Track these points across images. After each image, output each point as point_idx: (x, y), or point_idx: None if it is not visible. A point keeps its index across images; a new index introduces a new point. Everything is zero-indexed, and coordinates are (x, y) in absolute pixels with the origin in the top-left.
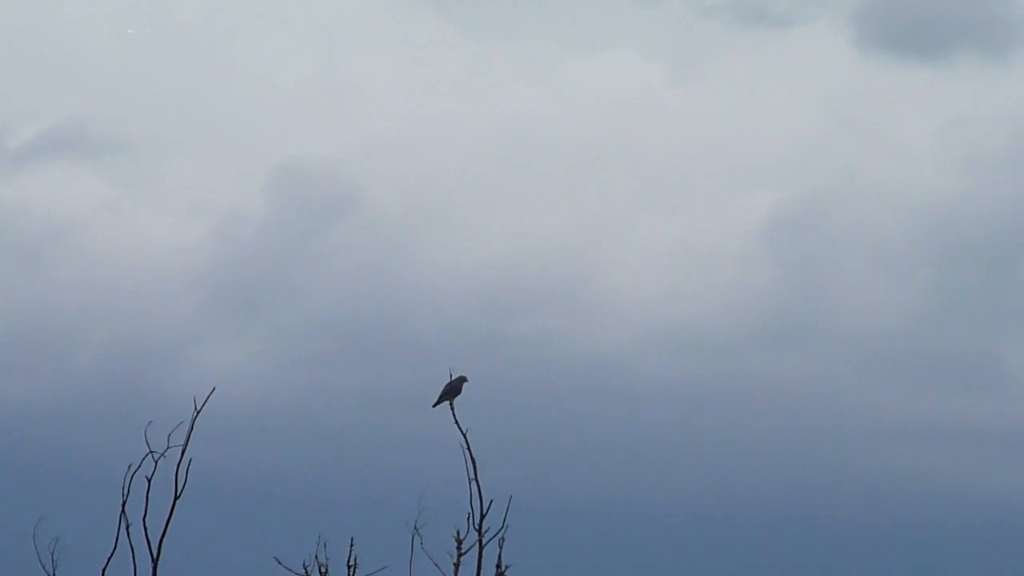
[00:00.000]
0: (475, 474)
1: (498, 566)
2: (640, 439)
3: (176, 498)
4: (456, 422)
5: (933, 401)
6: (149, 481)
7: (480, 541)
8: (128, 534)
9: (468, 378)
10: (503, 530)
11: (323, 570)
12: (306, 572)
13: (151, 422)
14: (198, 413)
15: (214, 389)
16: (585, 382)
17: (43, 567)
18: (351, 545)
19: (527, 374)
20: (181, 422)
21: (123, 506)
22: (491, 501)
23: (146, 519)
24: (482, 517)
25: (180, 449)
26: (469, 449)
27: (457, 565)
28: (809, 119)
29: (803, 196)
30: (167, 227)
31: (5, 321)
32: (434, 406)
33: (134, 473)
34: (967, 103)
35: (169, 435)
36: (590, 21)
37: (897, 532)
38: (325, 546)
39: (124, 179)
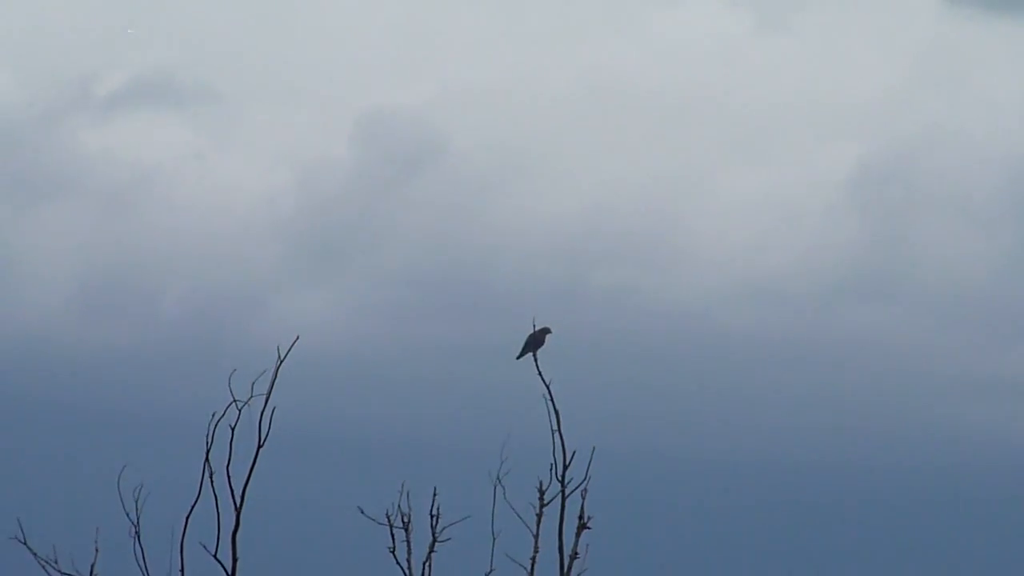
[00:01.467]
0: (558, 425)
1: (580, 517)
2: (723, 391)
3: (259, 447)
4: (539, 373)
5: (1017, 354)
6: (233, 430)
7: (563, 492)
8: (212, 482)
9: (551, 329)
10: (586, 482)
11: (406, 519)
12: (389, 521)
13: (235, 370)
14: (282, 362)
15: (298, 338)
16: (668, 334)
17: (127, 514)
18: (434, 495)
19: (610, 325)
20: (265, 370)
21: (207, 454)
22: (574, 452)
23: (229, 467)
24: (565, 468)
25: (264, 398)
26: (552, 400)
27: (540, 516)
28: (895, 70)
29: (889, 148)
30: (252, 176)
31: (92, 268)
32: (518, 358)
33: (218, 421)
34: None
35: (253, 383)
36: None
37: (978, 484)
38: (408, 495)
39: (210, 128)
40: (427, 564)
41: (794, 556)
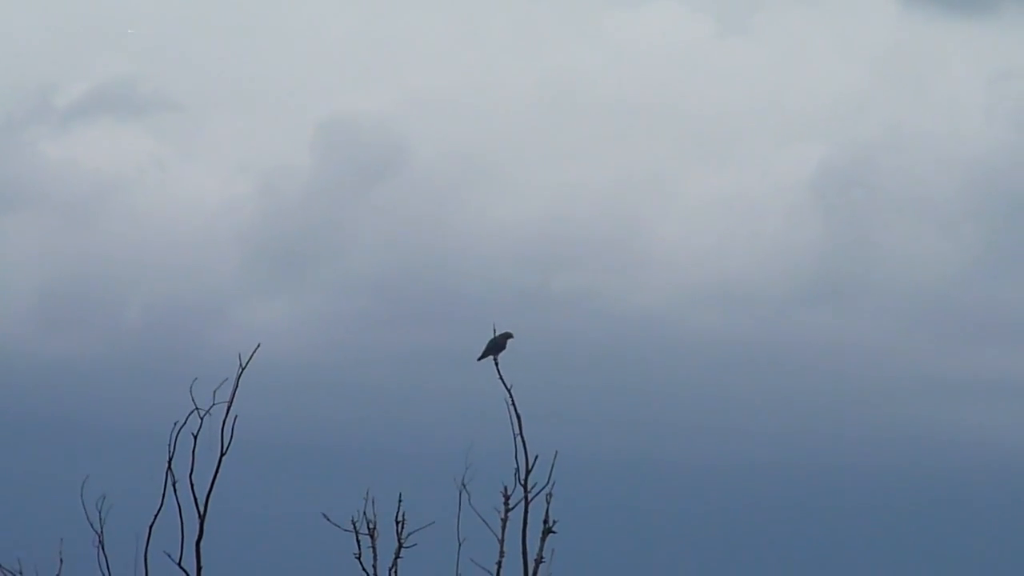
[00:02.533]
0: (520, 430)
1: (545, 521)
2: (685, 394)
3: (222, 454)
4: (501, 378)
5: (979, 356)
6: (195, 438)
7: (526, 497)
8: (175, 491)
9: (513, 334)
10: (549, 486)
11: (371, 526)
12: (354, 528)
13: (196, 379)
14: (243, 369)
15: (259, 345)
16: (630, 337)
17: (90, 524)
18: (399, 500)
19: (572, 329)
20: (226, 379)
21: (169, 463)
22: (536, 457)
23: (192, 476)
24: (527, 473)
25: (226, 405)
26: (514, 404)
27: (504, 520)
28: (856, 72)
29: (850, 150)
30: (213, 184)
31: (53, 279)
32: (479, 360)
33: (180, 430)
34: (1016, 56)
35: (215, 391)
36: None
37: (942, 486)
38: (373, 502)
39: (170, 137)
40: (393, 570)
41: (758, 559)
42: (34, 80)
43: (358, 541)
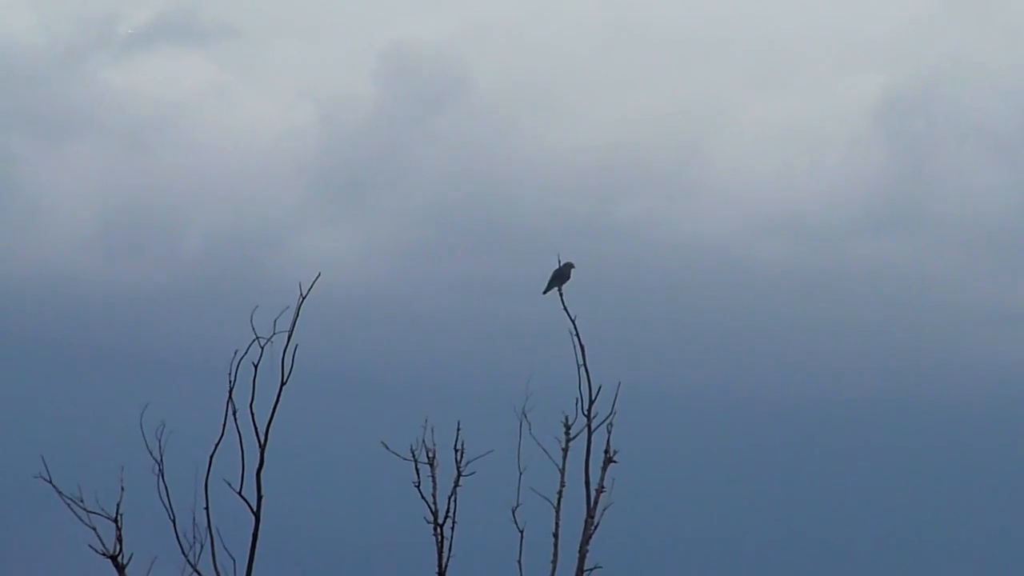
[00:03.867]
0: (583, 360)
1: (606, 451)
2: (747, 324)
3: (283, 384)
4: (564, 308)
5: None
6: (256, 367)
7: (589, 427)
8: (235, 420)
9: (574, 264)
10: (612, 416)
11: (430, 454)
12: (413, 456)
13: (257, 307)
14: (304, 299)
15: (319, 275)
16: (690, 266)
17: (150, 453)
18: (458, 429)
19: (633, 258)
20: (287, 307)
21: (230, 392)
22: (599, 387)
23: (253, 405)
24: (591, 403)
25: (286, 335)
26: (578, 335)
27: (565, 451)
28: (917, 4)
29: (912, 79)
30: (275, 112)
31: (114, 206)
32: (544, 293)
33: (241, 359)
34: None
35: (275, 321)
36: None
37: (1002, 413)
38: (432, 431)
39: (232, 64)
40: (452, 499)
41: (818, 490)
42: (96, 9)
43: (417, 470)
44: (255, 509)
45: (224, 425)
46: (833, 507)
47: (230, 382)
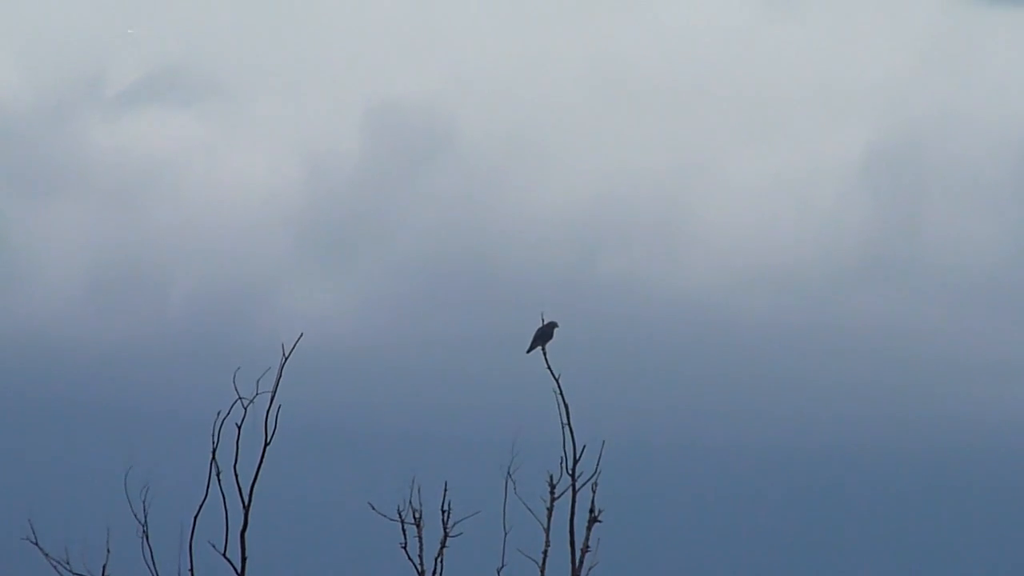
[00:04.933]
0: (568, 419)
1: (591, 510)
2: (734, 377)
3: (266, 444)
4: (548, 367)
5: None
6: (239, 428)
7: (573, 486)
8: (219, 480)
9: (558, 323)
10: (596, 475)
11: (417, 515)
12: (400, 517)
13: (239, 368)
14: (286, 359)
15: (302, 335)
16: (677, 321)
17: (134, 513)
18: (444, 489)
19: (620, 312)
20: (270, 367)
21: (214, 453)
22: (584, 446)
23: (237, 466)
24: (575, 462)
25: (269, 395)
26: (562, 394)
27: (550, 510)
28: (904, 55)
29: (898, 131)
30: (261, 169)
31: (100, 263)
32: (527, 352)
33: (224, 419)
34: None
35: (258, 381)
36: None
37: (988, 462)
38: (419, 490)
39: (220, 121)
40: (439, 559)
41: (807, 542)
42: (84, 67)
43: (404, 530)
44: (239, 570)
45: (208, 486)
46: (822, 557)
47: (213, 443)
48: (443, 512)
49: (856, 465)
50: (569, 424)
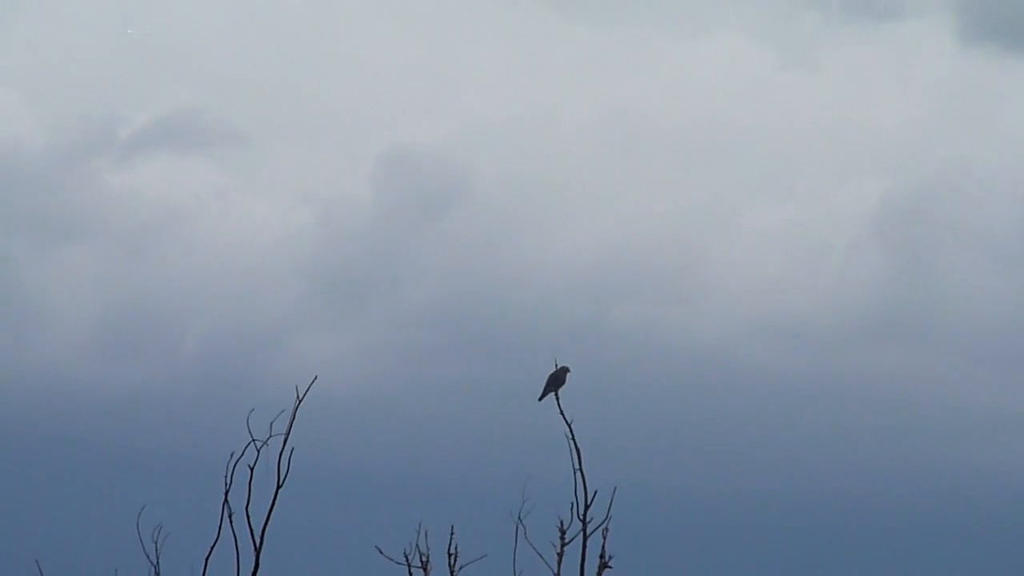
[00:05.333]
0: (580, 464)
1: (601, 556)
2: (744, 429)
3: (278, 487)
4: (561, 412)
5: None
6: (252, 470)
7: (584, 532)
8: (231, 523)
9: (570, 368)
10: (607, 521)
11: (424, 559)
12: (407, 561)
13: (253, 410)
14: (300, 402)
15: (316, 378)
16: (688, 370)
17: (146, 555)
18: (451, 533)
19: (631, 362)
20: (283, 410)
21: (226, 495)
22: (595, 492)
23: (249, 508)
24: (586, 508)
25: (282, 438)
26: (574, 439)
27: (560, 556)
28: (918, 107)
29: (912, 186)
30: (274, 215)
31: (113, 308)
32: (540, 399)
33: (237, 461)
34: None
35: (271, 423)
36: (697, 5)
37: (1000, 516)
38: (426, 535)
39: (232, 167)
40: None
41: None
42: (98, 111)
43: (411, 574)
44: None
45: (220, 528)
46: None
47: (226, 484)
48: (450, 556)
49: (866, 517)
50: (581, 469)
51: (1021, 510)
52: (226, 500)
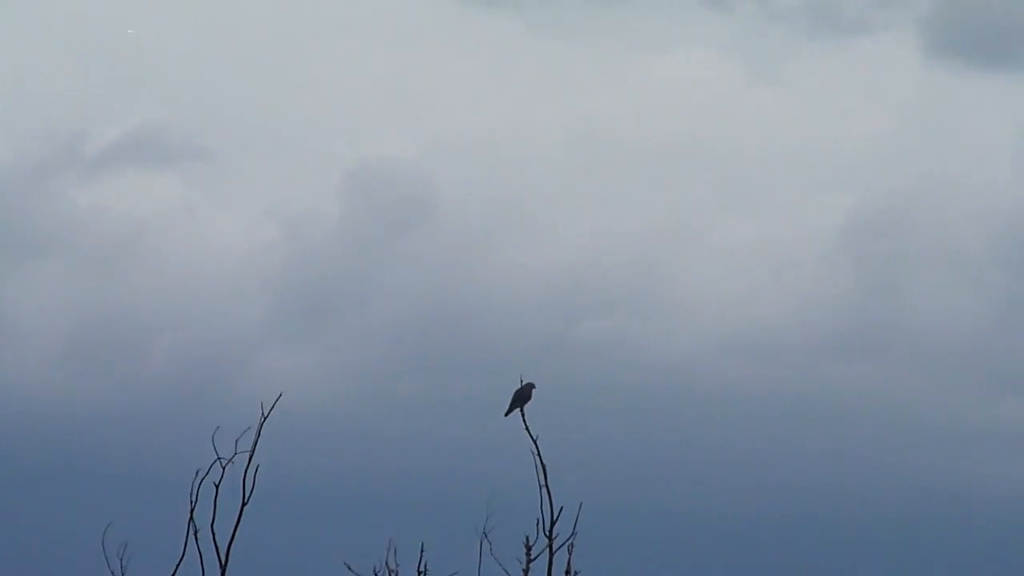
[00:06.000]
0: (545, 480)
1: (567, 572)
2: (711, 445)
3: (244, 504)
4: (527, 428)
5: (1008, 407)
6: (217, 487)
7: (550, 547)
8: (196, 540)
9: (536, 384)
10: (573, 536)
11: (393, 575)
12: None
13: (218, 428)
14: (265, 419)
15: (280, 395)
16: (656, 387)
17: (111, 573)
18: (421, 550)
19: (597, 378)
20: (249, 428)
21: (191, 512)
22: (561, 508)
23: (214, 525)
24: (552, 523)
25: (248, 455)
26: (539, 455)
27: (526, 571)
28: (885, 122)
29: (879, 199)
30: (241, 231)
31: (78, 326)
32: (506, 415)
33: (202, 479)
34: None
35: (237, 440)
36: (664, 20)
37: (970, 536)
38: (395, 551)
39: (199, 183)
40: None
41: None
42: (64, 127)
43: None
44: None
45: (185, 545)
46: None
47: (191, 502)
48: (419, 573)
49: (834, 533)
50: (547, 485)
51: (987, 524)
52: (191, 518)
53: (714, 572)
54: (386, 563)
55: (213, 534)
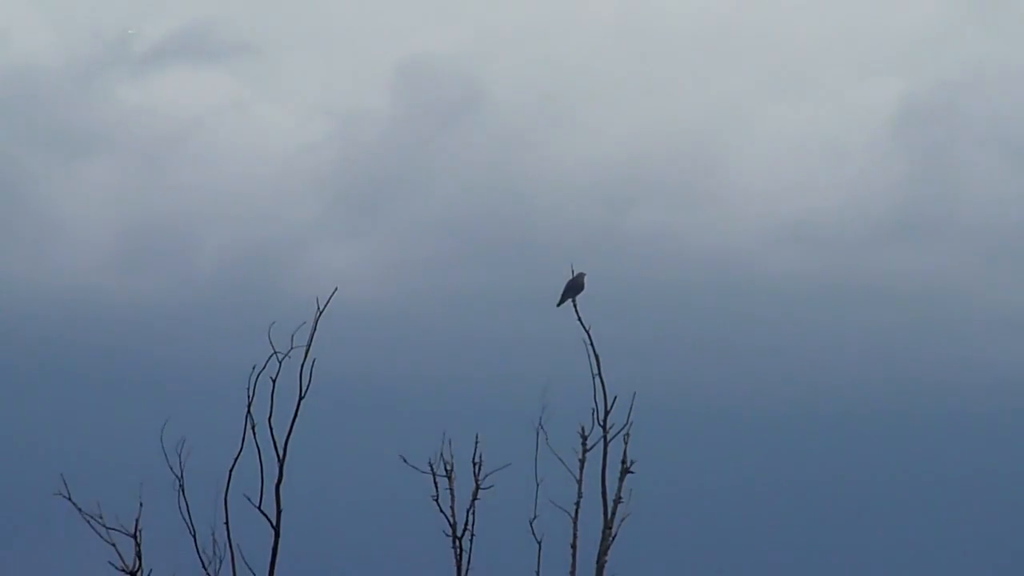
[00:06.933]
0: (599, 370)
1: (623, 462)
2: (762, 335)
3: (301, 398)
4: (579, 319)
5: None
6: (274, 382)
7: (605, 437)
8: (254, 435)
9: (587, 274)
10: (628, 426)
11: (448, 467)
12: (432, 469)
13: (274, 323)
14: (320, 313)
15: (336, 289)
16: (707, 277)
17: (170, 468)
18: (476, 442)
19: (647, 269)
20: (304, 323)
21: (249, 407)
22: (615, 397)
23: (271, 420)
24: (607, 413)
25: (304, 349)
26: (592, 345)
27: (582, 461)
28: (938, 6)
29: (932, 86)
30: (290, 126)
31: (131, 222)
32: (558, 305)
33: (259, 374)
34: None
35: (292, 336)
36: None
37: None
38: (450, 443)
39: (248, 79)
40: (470, 511)
41: (834, 502)
42: (112, 25)
43: (436, 483)
44: (274, 523)
45: (243, 440)
46: (850, 517)
47: (249, 397)
48: (474, 464)
49: (888, 424)
50: (600, 376)
51: None
52: (249, 412)
53: (766, 462)
54: (441, 455)
55: (271, 428)
